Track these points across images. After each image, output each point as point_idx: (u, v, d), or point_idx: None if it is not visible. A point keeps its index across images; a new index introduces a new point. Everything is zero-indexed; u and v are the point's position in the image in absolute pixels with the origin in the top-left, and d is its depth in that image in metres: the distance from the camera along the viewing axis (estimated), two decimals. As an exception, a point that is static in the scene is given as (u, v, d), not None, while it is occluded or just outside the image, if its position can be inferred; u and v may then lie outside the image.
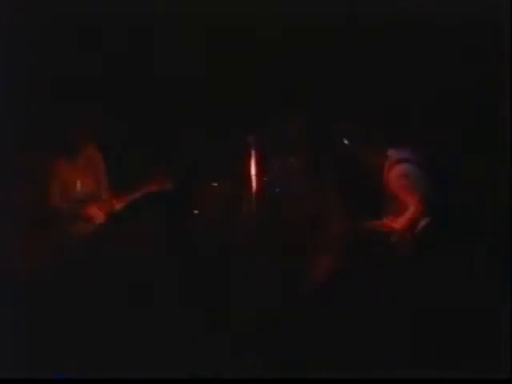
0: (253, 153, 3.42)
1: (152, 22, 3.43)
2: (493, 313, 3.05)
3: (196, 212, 3.80)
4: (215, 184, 3.87)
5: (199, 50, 3.66)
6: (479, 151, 3.48)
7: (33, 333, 3.05)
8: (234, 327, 3.24)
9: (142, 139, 3.73)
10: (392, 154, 3.46)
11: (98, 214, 3.47)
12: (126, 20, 3.38)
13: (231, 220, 3.73)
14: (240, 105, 3.72)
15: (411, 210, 3.32)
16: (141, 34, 3.52)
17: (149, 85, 3.69)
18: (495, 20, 3.18)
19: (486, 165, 3.42)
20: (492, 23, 3.20)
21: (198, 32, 3.57)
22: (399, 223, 3.36)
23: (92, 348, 3.06)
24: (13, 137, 3.20)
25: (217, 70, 3.69)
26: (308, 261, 3.52)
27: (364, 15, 3.36)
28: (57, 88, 3.47)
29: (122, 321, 3.20)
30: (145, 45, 3.58)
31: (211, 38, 3.61)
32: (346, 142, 3.54)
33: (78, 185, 3.44)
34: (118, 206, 3.50)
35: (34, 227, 3.40)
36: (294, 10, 3.40)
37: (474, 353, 2.96)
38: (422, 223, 3.34)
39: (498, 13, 3.16)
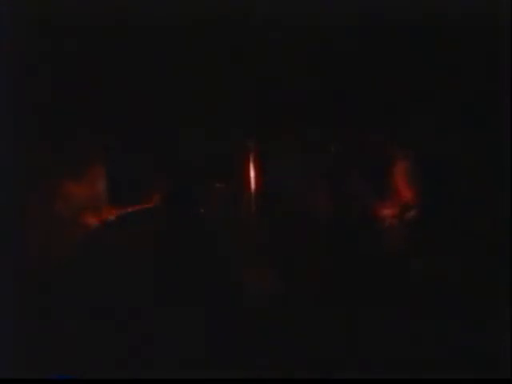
0: (252, 156, 3.47)
1: (151, 23, 3.42)
2: (493, 312, 3.05)
3: (202, 210, 3.81)
4: (218, 185, 3.87)
5: (200, 50, 3.66)
6: (479, 150, 3.48)
7: (33, 333, 3.05)
8: (234, 327, 3.24)
9: (143, 141, 3.73)
10: (394, 152, 3.54)
11: (92, 221, 3.57)
12: (125, 20, 3.38)
13: (231, 220, 3.74)
14: (240, 107, 3.72)
15: (404, 201, 3.50)
16: (140, 34, 3.51)
17: (149, 87, 3.68)
18: (495, 19, 3.18)
19: (486, 164, 3.43)
20: (492, 23, 3.20)
21: (199, 32, 3.57)
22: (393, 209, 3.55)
23: (92, 348, 3.06)
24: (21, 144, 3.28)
25: (217, 71, 3.69)
26: (308, 259, 3.53)
27: (363, 15, 3.36)
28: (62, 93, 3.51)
29: (122, 321, 3.20)
30: (144, 45, 3.58)
31: (212, 38, 3.60)
32: (332, 148, 3.66)
33: (80, 196, 3.58)
34: (112, 216, 3.60)
35: (37, 228, 3.45)
36: (295, 10, 3.40)
37: (474, 353, 2.96)
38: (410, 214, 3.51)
39: (498, 12, 3.16)
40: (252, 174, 3.55)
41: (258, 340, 3.20)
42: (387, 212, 3.56)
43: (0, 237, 3.15)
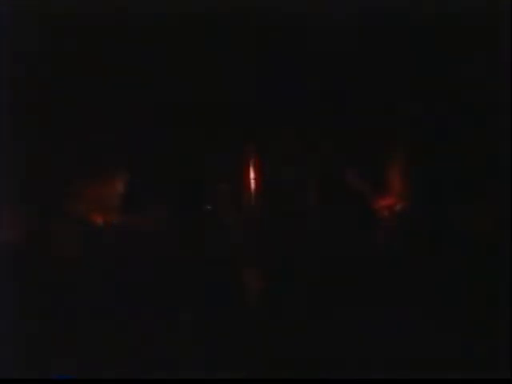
0: (252, 160, 3.52)
1: (151, 23, 3.43)
2: (493, 312, 3.05)
3: (209, 207, 3.81)
4: (221, 186, 3.88)
5: (200, 50, 3.66)
6: (479, 150, 3.48)
7: (33, 333, 3.05)
8: (234, 327, 3.25)
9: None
10: (391, 154, 3.57)
11: (99, 220, 3.59)
12: (125, 20, 3.38)
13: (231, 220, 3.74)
14: (240, 110, 3.72)
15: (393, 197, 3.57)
16: (139, 34, 3.51)
17: (149, 87, 3.68)
18: (495, 19, 3.18)
19: (486, 164, 3.43)
20: (492, 22, 3.20)
21: (200, 32, 3.57)
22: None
23: (92, 348, 3.07)
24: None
25: (217, 71, 3.69)
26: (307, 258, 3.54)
27: (362, 15, 3.36)
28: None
29: (123, 320, 3.20)
30: (144, 45, 3.58)
31: (212, 37, 3.60)
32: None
33: (95, 199, 3.62)
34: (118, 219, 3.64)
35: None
36: (295, 10, 3.40)
37: (474, 353, 2.96)
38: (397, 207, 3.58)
39: (498, 12, 3.17)
40: (252, 174, 3.57)
41: (257, 340, 3.20)
42: (383, 206, 3.59)
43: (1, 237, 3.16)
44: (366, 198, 3.64)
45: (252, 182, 3.66)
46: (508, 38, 3.17)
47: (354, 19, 3.41)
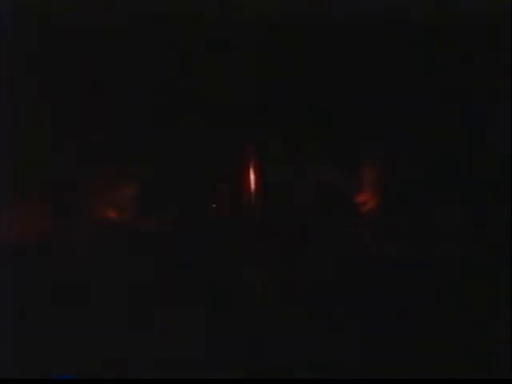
0: (251, 161, 3.53)
1: (151, 23, 3.43)
2: (493, 312, 3.06)
3: (214, 205, 3.81)
4: (220, 185, 3.88)
5: (200, 50, 3.67)
6: (479, 150, 3.48)
7: (33, 332, 3.06)
8: (234, 327, 3.25)
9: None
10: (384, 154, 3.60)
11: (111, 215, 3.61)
12: (125, 20, 3.38)
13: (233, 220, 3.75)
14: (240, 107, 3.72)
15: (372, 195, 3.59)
16: (139, 34, 3.51)
17: (149, 87, 3.68)
18: (495, 19, 3.19)
19: (486, 164, 3.43)
20: (492, 22, 3.21)
21: (199, 32, 3.57)
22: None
23: (92, 348, 3.07)
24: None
25: (217, 71, 3.69)
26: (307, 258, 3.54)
27: (361, 15, 3.36)
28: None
29: (123, 320, 3.21)
30: (144, 45, 3.58)
31: (212, 38, 3.61)
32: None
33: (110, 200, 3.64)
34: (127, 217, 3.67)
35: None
36: (296, 10, 3.40)
37: (474, 353, 2.96)
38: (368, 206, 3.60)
39: (498, 12, 3.17)
40: (252, 175, 3.58)
41: (257, 340, 3.20)
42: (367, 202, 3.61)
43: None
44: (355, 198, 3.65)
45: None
46: (508, 38, 3.17)
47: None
